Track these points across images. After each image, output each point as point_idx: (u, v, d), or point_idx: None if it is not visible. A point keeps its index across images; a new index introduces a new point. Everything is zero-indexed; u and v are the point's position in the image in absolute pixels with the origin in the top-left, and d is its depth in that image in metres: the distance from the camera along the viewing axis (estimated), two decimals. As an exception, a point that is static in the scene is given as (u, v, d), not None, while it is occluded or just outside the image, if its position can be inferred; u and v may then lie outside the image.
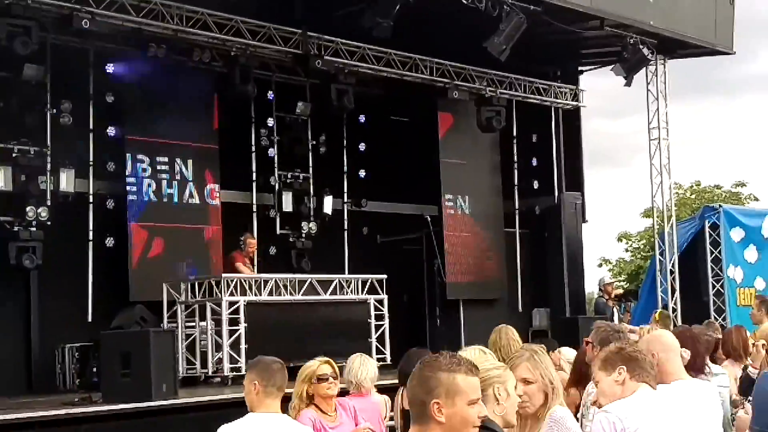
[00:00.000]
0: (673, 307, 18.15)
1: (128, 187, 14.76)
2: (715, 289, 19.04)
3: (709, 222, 19.37)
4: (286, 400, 6.22)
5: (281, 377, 5.30)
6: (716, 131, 74.72)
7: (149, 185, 15.00)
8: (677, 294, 18.27)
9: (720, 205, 20.26)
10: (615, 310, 18.79)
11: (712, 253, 19.16)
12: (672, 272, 18.36)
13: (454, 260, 17.98)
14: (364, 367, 7.58)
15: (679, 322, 16.25)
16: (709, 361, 7.92)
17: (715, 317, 18.39)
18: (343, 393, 7.42)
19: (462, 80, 17.74)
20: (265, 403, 5.24)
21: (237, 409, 10.29)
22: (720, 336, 9.55)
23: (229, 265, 14.27)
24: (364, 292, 14.51)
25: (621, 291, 20.98)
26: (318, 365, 6.86)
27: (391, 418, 7.79)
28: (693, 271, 19.17)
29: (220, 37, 14.65)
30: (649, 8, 16.77)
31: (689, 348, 6.65)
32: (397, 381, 7.42)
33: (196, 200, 15.53)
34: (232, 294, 13.09)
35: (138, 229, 14.76)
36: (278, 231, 16.85)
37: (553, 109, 19.99)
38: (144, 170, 14.97)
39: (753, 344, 8.41)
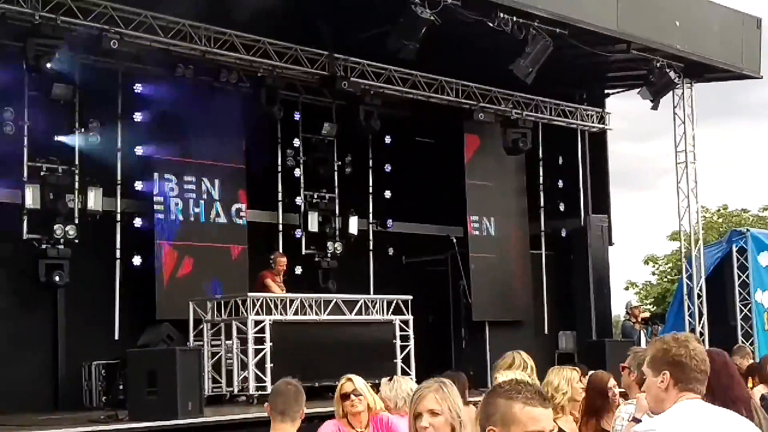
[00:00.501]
0: (700, 331, 18.02)
1: (155, 206, 14.84)
2: (743, 313, 18.91)
3: (736, 246, 19.26)
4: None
5: (282, 402, 5.29)
6: (743, 154, 74.43)
7: (176, 204, 15.07)
8: (704, 318, 18.15)
9: (747, 229, 20.16)
10: (642, 333, 18.67)
11: (739, 277, 19.04)
12: (699, 296, 18.25)
13: (479, 281, 17.93)
14: (402, 387, 7.64)
15: (706, 346, 16.12)
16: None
17: (742, 341, 18.26)
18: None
19: (488, 102, 17.77)
20: (274, 426, 5.27)
21: (262, 428, 10.29)
22: (750, 361, 9.48)
23: (259, 283, 14.24)
24: (390, 312, 14.48)
25: (648, 314, 20.84)
26: (341, 383, 6.90)
27: None
28: (720, 295, 19.05)
29: (247, 58, 14.75)
30: (675, 32, 16.75)
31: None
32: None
33: (223, 219, 15.60)
34: (258, 313, 13.10)
35: (165, 247, 14.82)
36: (304, 251, 16.89)
37: (579, 131, 19.96)
38: (171, 189, 15.04)
39: None
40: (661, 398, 3.88)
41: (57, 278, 13.48)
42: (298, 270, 16.78)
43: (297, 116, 16.97)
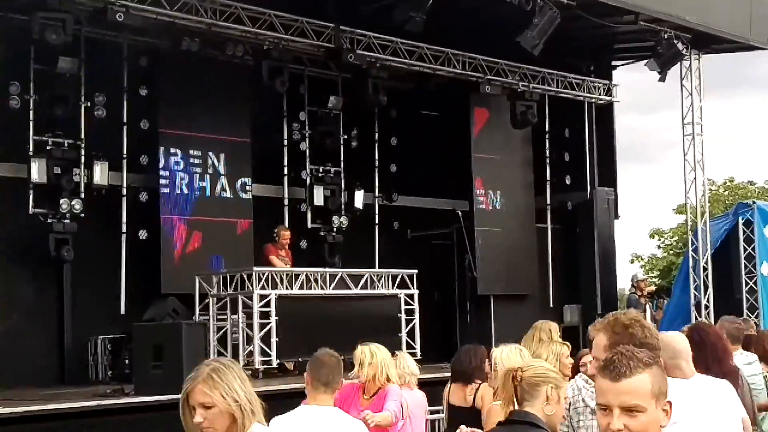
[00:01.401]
0: (705, 304, 18.02)
1: (161, 181, 14.84)
2: (749, 286, 18.87)
3: (742, 219, 19.18)
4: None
5: (326, 373, 5.32)
6: (750, 127, 74.15)
7: (182, 179, 15.06)
8: (710, 291, 18.13)
9: (754, 202, 20.07)
10: (648, 306, 18.71)
11: (745, 250, 18.98)
12: (705, 269, 18.22)
13: (485, 255, 17.91)
14: (404, 361, 7.78)
15: (712, 320, 16.12)
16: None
17: (748, 314, 18.24)
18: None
19: (494, 75, 17.68)
20: (314, 396, 5.29)
21: (268, 401, 10.34)
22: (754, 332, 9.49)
23: (262, 257, 14.29)
24: (395, 286, 14.51)
25: (653, 288, 20.88)
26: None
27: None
28: (726, 268, 19.01)
29: (253, 30, 14.68)
30: (683, 3, 16.65)
31: (696, 346, 6.62)
32: (431, 376, 7.55)
33: (229, 194, 15.58)
34: (263, 287, 13.13)
35: (170, 222, 14.83)
36: (309, 225, 16.89)
37: (586, 104, 19.87)
38: (177, 163, 15.03)
39: None
40: None
41: (65, 253, 13.49)
42: (304, 244, 16.80)
43: (303, 89, 16.90)
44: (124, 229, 14.63)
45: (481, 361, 7.73)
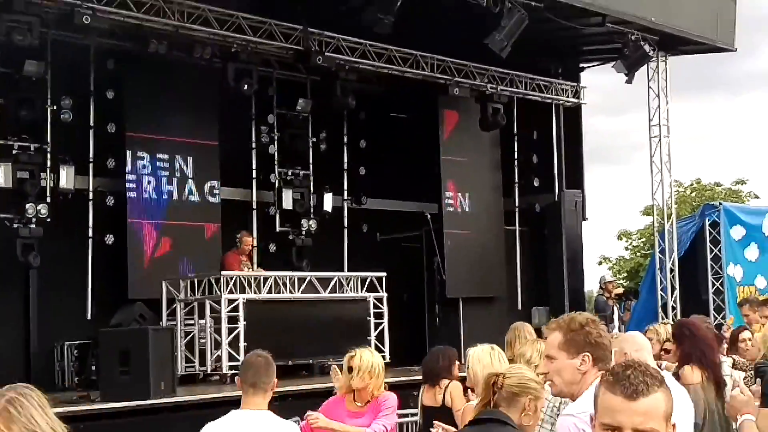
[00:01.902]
0: (672, 306, 18.14)
1: (128, 185, 14.73)
2: (715, 287, 19.01)
3: (709, 220, 19.33)
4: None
5: (253, 374, 5.26)
6: (717, 128, 74.81)
7: (149, 182, 14.97)
8: (677, 292, 18.25)
9: (720, 203, 20.22)
10: (615, 308, 18.80)
11: (712, 251, 19.12)
12: (672, 270, 18.33)
13: (453, 258, 17.92)
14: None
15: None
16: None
17: (714, 316, 18.40)
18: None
19: (463, 77, 17.70)
20: (246, 400, 5.25)
21: (235, 407, 10.29)
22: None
23: (222, 265, 14.16)
24: (364, 289, 14.50)
25: (621, 289, 20.97)
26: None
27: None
28: (693, 270, 19.15)
29: (221, 33, 14.62)
30: (650, 4, 16.76)
31: (689, 340, 6.70)
32: (400, 379, 7.56)
33: (197, 198, 15.49)
34: (231, 292, 13.09)
35: (137, 226, 14.72)
36: (278, 228, 16.84)
37: (554, 106, 19.94)
38: (144, 167, 14.92)
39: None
40: (577, 380, 3.89)
41: (32, 258, 13.38)
42: (272, 248, 16.76)
43: (271, 92, 16.84)
44: (90, 233, 14.52)
45: (450, 361, 7.78)
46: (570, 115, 20.35)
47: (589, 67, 20.77)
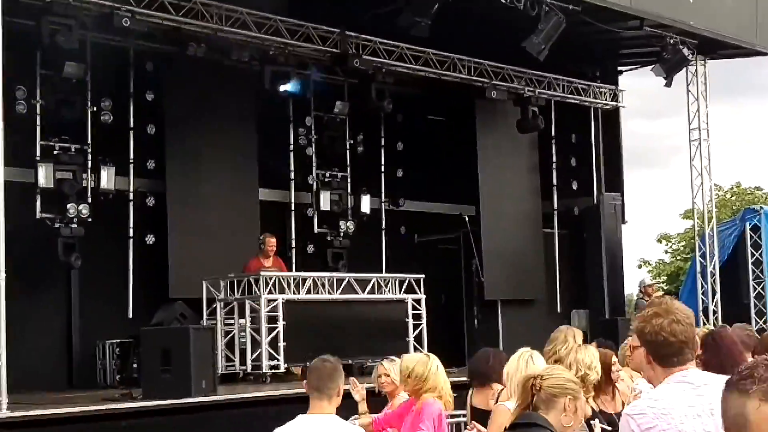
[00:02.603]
0: (713, 310, 17.99)
1: (168, 185, 14.83)
2: (756, 291, 18.85)
3: (750, 224, 19.19)
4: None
5: (316, 378, 5.27)
6: (757, 132, 74.02)
7: (189, 183, 15.06)
8: (718, 296, 18.10)
9: (761, 207, 20.07)
10: (655, 311, 18.64)
11: (753, 255, 18.97)
12: (713, 274, 18.19)
13: (492, 260, 17.89)
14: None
15: (719, 325, 16.08)
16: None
17: (755, 320, 18.25)
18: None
19: (500, 80, 17.66)
20: (312, 404, 5.26)
21: (275, 406, 10.36)
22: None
23: (244, 271, 14.11)
24: (402, 291, 14.49)
25: (661, 293, 20.82)
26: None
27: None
28: (733, 273, 19.00)
29: (259, 36, 14.68)
30: (689, 8, 16.62)
31: (711, 350, 6.58)
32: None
33: (235, 198, 15.57)
34: (270, 292, 13.13)
35: (177, 226, 14.81)
36: (316, 230, 16.88)
37: (592, 109, 19.87)
38: (183, 168, 15.03)
39: None
40: (651, 375, 3.84)
41: (73, 258, 13.51)
42: (311, 249, 16.81)
43: (309, 94, 16.91)
44: (131, 233, 14.64)
45: (499, 364, 7.70)
46: (608, 119, 20.27)
47: (627, 70, 20.69)
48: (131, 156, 14.74)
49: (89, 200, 13.94)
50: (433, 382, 7.09)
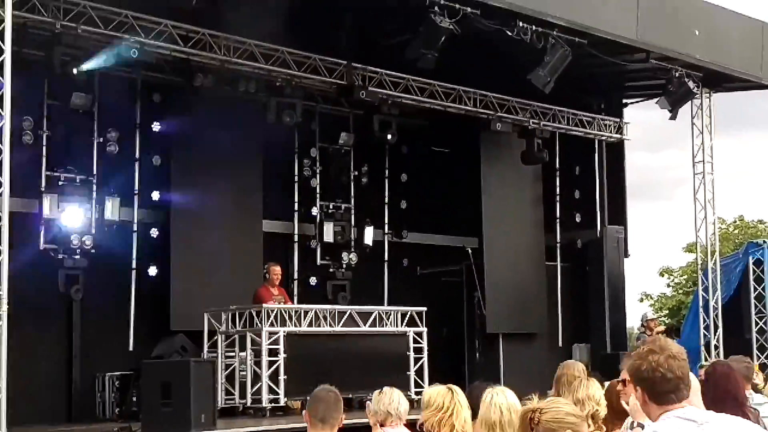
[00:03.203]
0: (715, 344, 17.93)
1: (172, 216, 14.85)
2: (758, 326, 18.80)
3: (752, 258, 19.15)
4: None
5: (323, 408, 5.27)
6: (760, 165, 73.94)
7: (193, 214, 15.07)
8: (720, 331, 18.04)
9: (764, 241, 20.04)
10: (657, 346, 18.59)
11: (755, 289, 18.93)
12: (715, 309, 18.14)
13: (494, 293, 17.87)
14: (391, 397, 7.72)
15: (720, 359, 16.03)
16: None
17: (757, 355, 18.19)
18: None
19: (505, 112, 17.71)
20: None
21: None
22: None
23: (255, 300, 14.07)
24: (404, 324, 14.45)
25: (663, 327, 20.79)
26: None
27: None
28: (736, 308, 18.95)
29: (266, 67, 14.74)
30: (695, 41, 16.65)
31: (724, 383, 6.56)
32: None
33: (239, 229, 15.58)
34: (272, 324, 13.09)
35: (180, 258, 14.82)
36: (319, 261, 16.88)
37: (596, 141, 19.89)
38: (188, 199, 15.03)
39: None
40: (647, 413, 3.81)
41: (75, 291, 13.53)
42: (313, 281, 16.80)
43: (314, 126, 16.94)
44: (134, 265, 14.64)
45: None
46: (612, 151, 20.30)
47: (632, 102, 20.70)
48: (136, 187, 14.76)
49: (93, 231, 13.95)
50: (454, 416, 7.06)
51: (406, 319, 14.50)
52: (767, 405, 7.83)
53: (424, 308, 14.67)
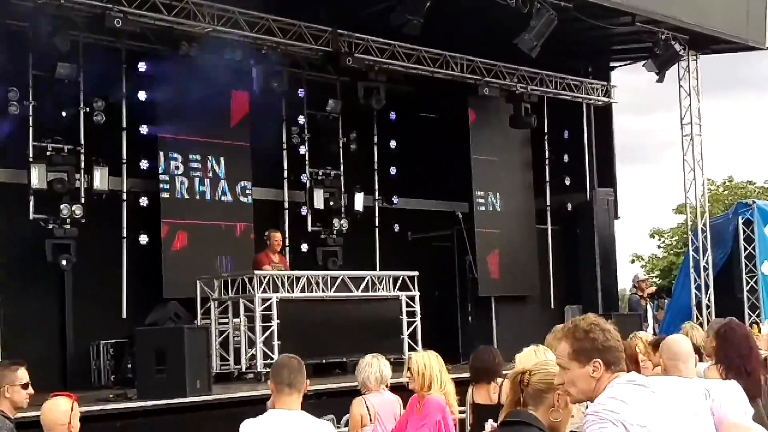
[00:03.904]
0: (707, 304, 18.03)
1: (161, 185, 14.86)
2: (749, 285, 18.90)
3: (742, 218, 19.23)
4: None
5: (288, 373, 5.26)
6: (749, 126, 74.16)
7: (182, 183, 15.09)
8: (711, 290, 18.15)
9: (754, 201, 20.11)
10: (649, 307, 18.72)
11: (745, 249, 19.02)
12: (705, 269, 18.23)
13: (485, 257, 17.93)
14: (369, 368, 7.81)
15: (713, 319, 16.11)
16: None
17: (749, 314, 18.31)
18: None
19: (493, 77, 17.70)
20: (281, 400, 5.24)
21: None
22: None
23: (255, 266, 14.15)
24: (396, 288, 14.50)
25: (654, 288, 20.88)
26: None
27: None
28: (727, 268, 19.05)
29: (251, 35, 14.69)
30: (680, 4, 16.67)
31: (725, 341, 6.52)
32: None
33: (229, 198, 15.60)
34: (264, 291, 13.14)
35: (170, 226, 14.84)
36: (310, 228, 16.89)
37: (584, 105, 19.92)
38: (177, 168, 15.04)
39: None
40: (592, 387, 3.81)
41: (63, 262, 13.52)
42: (305, 247, 16.82)
43: (301, 93, 16.92)
44: (124, 233, 14.65)
45: (499, 360, 7.77)
46: (601, 114, 20.34)
47: (619, 66, 20.72)
48: (124, 156, 14.74)
49: (82, 201, 13.95)
50: (439, 380, 7.18)
51: (398, 283, 14.56)
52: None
53: (416, 272, 14.72)
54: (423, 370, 7.31)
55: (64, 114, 13.96)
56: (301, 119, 17.01)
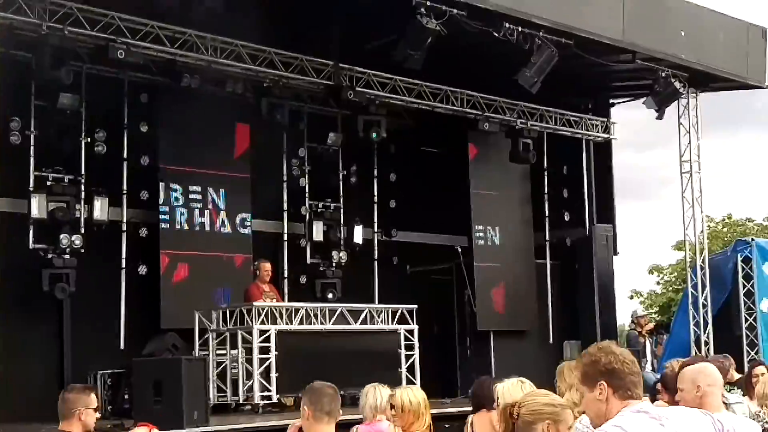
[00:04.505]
0: (705, 341, 18.01)
1: (161, 216, 14.90)
2: (748, 322, 18.87)
3: (741, 255, 19.23)
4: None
5: (329, 402, 5.26)
6: (748, 163, 74.30)
7: (182, 214, 15.12)
8: (710, 327, 18.13)
9: (752, 239, 20.12)
10: (647, 343, 18.68)
11: (744, 286, 19.01)
12: (704, 305, 18.22)
13: (484, 291, 17.93)
14: (364, 397, 7.79)
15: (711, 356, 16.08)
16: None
17: (747, 351, 18.26)
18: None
19: (493, 112, 17.77)
20: (316, 428, 5.23)
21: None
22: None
23: (246, 298, 14.06)
24: (395, 321, 14.48)
25: (653, 324, 20.87)
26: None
27: None
28: (725, 305, 19.03)
29: (254, 68, 14.78)
30: (680, 41, 16.76)
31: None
32: (431, 412, 7.54)
33: (228, 229, 15.63)
34: (263, 322, 13.13)
35: (170, 257, 14.85)
36: (308, 260, 16.90)
37: (584, 141, 19.98)
38: (177, 199, 15.08)
39: None
40: (602, 411, 3.81)
41: (59, 292, 13.52)
42: (303, 279, 16.83)
43: (302, 126, 16.99)
44: (123, 264, 14.65)
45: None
46: (600, 150, 20.39)
47: (619, 102, 20.80)
48: (125, 187, 14.77)
49: (82, 231, 13.98)
50: (425, 418, 7.14)
51: (397, 316, 14.53)
52: (742, 405, 7.79)
53: (415, 306, 14.71)
54: (409, 407, 7.25)
55: (65, 144, 14.01)
56: (302, 152, 17.06)
